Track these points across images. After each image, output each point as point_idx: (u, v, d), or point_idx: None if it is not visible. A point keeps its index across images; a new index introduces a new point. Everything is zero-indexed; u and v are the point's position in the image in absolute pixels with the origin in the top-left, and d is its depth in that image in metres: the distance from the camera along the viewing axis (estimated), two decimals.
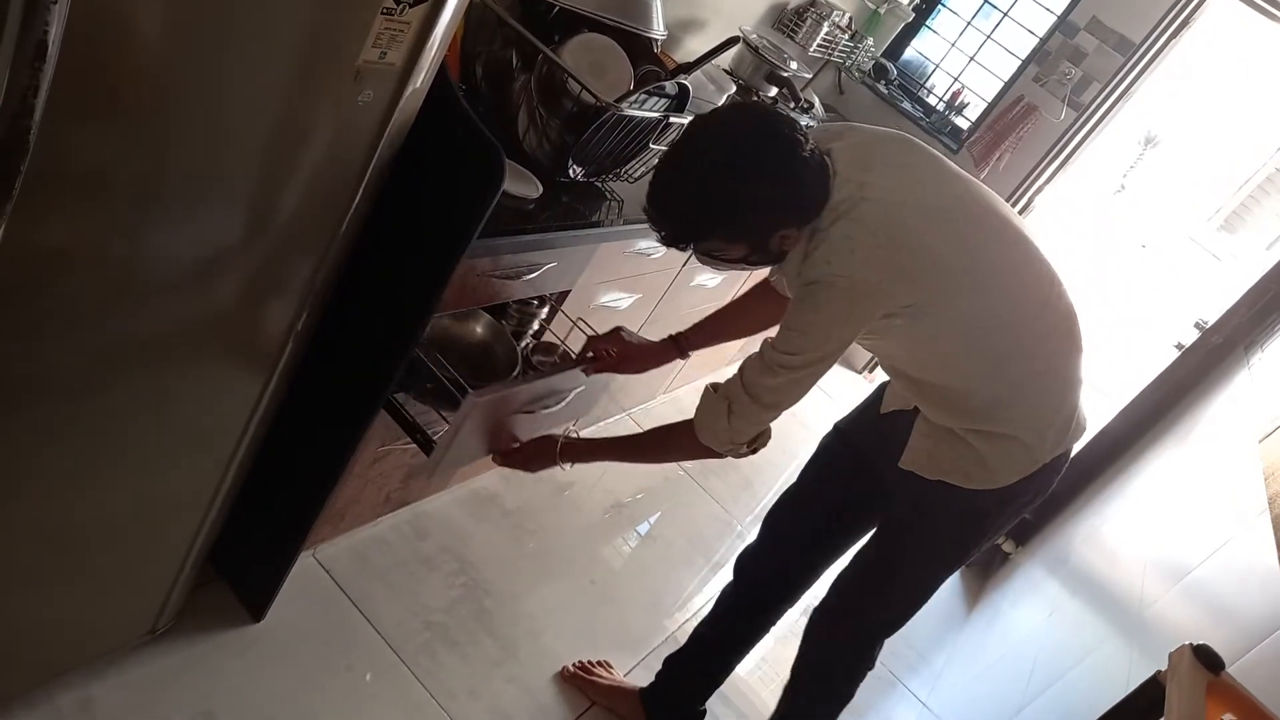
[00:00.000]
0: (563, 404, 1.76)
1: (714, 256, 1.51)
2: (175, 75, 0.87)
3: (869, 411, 1.85)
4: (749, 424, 1.55)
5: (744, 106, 1.67)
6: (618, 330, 1.86)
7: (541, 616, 2.22)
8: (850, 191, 1.44)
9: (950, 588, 3.37)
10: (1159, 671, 1.30)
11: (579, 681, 2.11)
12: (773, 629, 2.06)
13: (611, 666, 2.18)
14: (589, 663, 2.15)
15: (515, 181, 1.63)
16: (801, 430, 3.78)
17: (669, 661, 2.09)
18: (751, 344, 1.71)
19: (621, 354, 1.84)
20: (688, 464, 3.09)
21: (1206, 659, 1.24)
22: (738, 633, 2.04)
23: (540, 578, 2.33)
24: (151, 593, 1.55)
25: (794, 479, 1.98)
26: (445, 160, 1.29)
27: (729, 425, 1.55)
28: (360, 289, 1.38)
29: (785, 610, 2.02)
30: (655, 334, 2.50)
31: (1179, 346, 3.33)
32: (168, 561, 1.52)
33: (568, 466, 1.76)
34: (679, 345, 1.91)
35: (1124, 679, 1.72)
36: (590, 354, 1.83)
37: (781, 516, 1.96)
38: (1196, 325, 3.29)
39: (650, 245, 2.13)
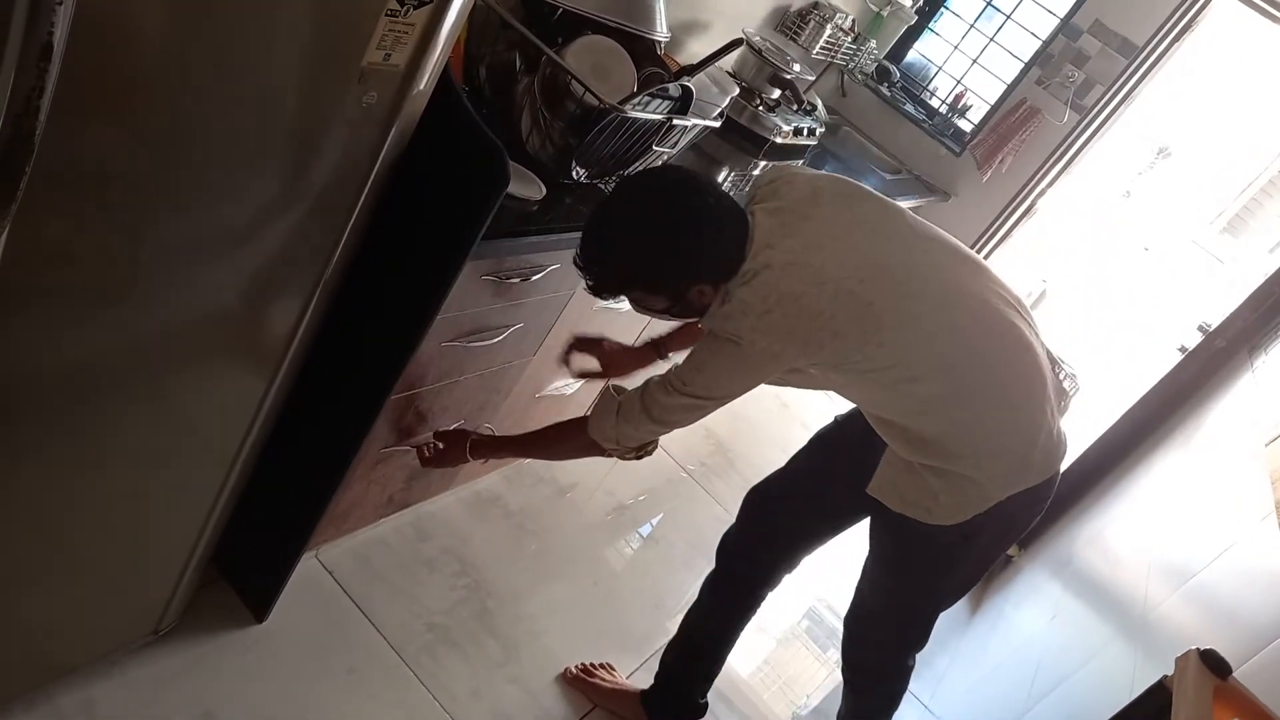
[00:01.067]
0: (497, 340, 1.80)
1: (641, 305, 1.60)
2: (179, 76, 0.87)
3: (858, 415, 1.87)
4: (635, 430, 1.65)
5: (668, 170, 1.75)
6: (602, 339, 2.01)
7: (543, 618, 2.21)
8: (761, 260, 1.49)
9: None
10: (1165, 676, 1.30)
11: (581, 684, 2.12)
12: (763, 623, 2.13)
13: (614, 669, 2.19)
14: (591, 665, 2.16)
15: (519, 183, 1.63)
16: (801, 431, 3.76)
17: (664, 660, 2.12)
18: None
19: (606, 360, 2.01)
20: (690, 465, 3.09)
21: (1213, 663, 1.24)
22: (726, 618, 2.07)
23: (542, 579, 2.32)
24: (154, 593, 1.55)
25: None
26: (449, 162, 1.29)
27: (615, 426, 1.65)
28: (364, 291, 1.38)
29: (768, 593, 2.06)
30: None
31: (1182, 350, 3.33)
32: (171, 562, 1.52)
33: (482, 462, 1.92)
34: (658, 348, 2.04)
35: (1129, 683, 1.71)
36: (573, 350, 2.00)
37: (769, 502, 2.00)
38: (1200, 328, 3.28)
39: None
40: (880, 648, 1.95)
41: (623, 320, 2.20)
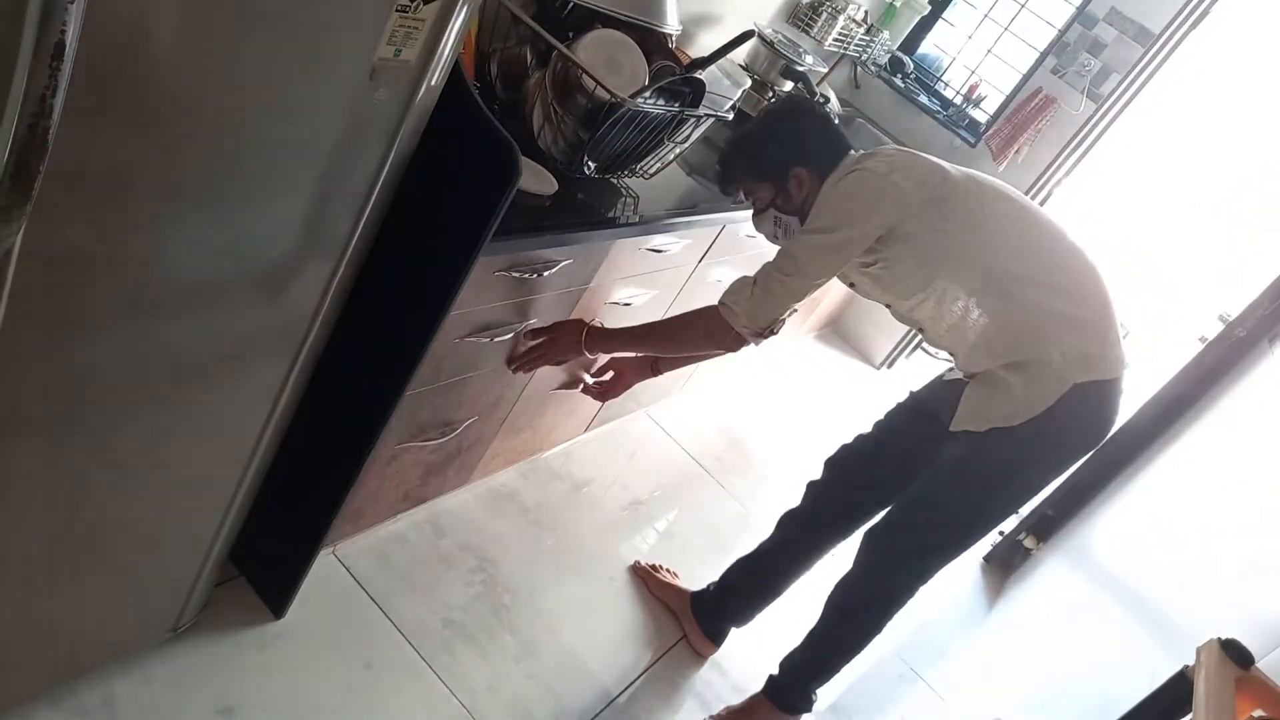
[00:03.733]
0: (511, 335, 1.82)
1: (756, 210, 1.94)
2: (191, 74, 0.87)
3: (936, 381, 2.13)
4: (769, 296, 1.81)
5: (788, 95, 2.44)
6: (610, 360, 2.19)
7: (560, 613, 2.22)
8: (873, 152, 1.85)
9: (971, 583, 3.35)
10: (1186, 666, 1.29)
11: (643, 574, 2.45)
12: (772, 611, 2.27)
13: (676, 575, 2.49)
14: (657, 565, 2.48)
15: (530, 178, 1.63)
16: (821, 426, 3.76)
17: (725, 575, 2.32)
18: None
19: (610, 370, 2.19)
20: (706, 461, 3.08)
21: (1235, 654, 1.23)
22: (791, 556, 2.23)
23: (559, 575, 2.33)
24: (173, 591, 1.56)
25: (815, 472, 2.15)
26: (461, 157, 1.29)
27: (750, 296, 1.82)
28: (378, 287, 1.38)
29: (837, 543, 2.22)
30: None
31: (1202, 339, 3.29)
32: (189, 560, 1.53)
33: (593, 357, 2.04)
34: (654, 364, 2.18)
35: (1149, 674, 1.70)
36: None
37: (851, 456, 2.18)
38: (1220, 318, 3.25)
39: (665, 242, 2.12)
40: (916, 551, 1.99)
41: (637, 315, 2.19)
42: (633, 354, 2.15)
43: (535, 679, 2.03)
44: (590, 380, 2.23)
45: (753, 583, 2.29)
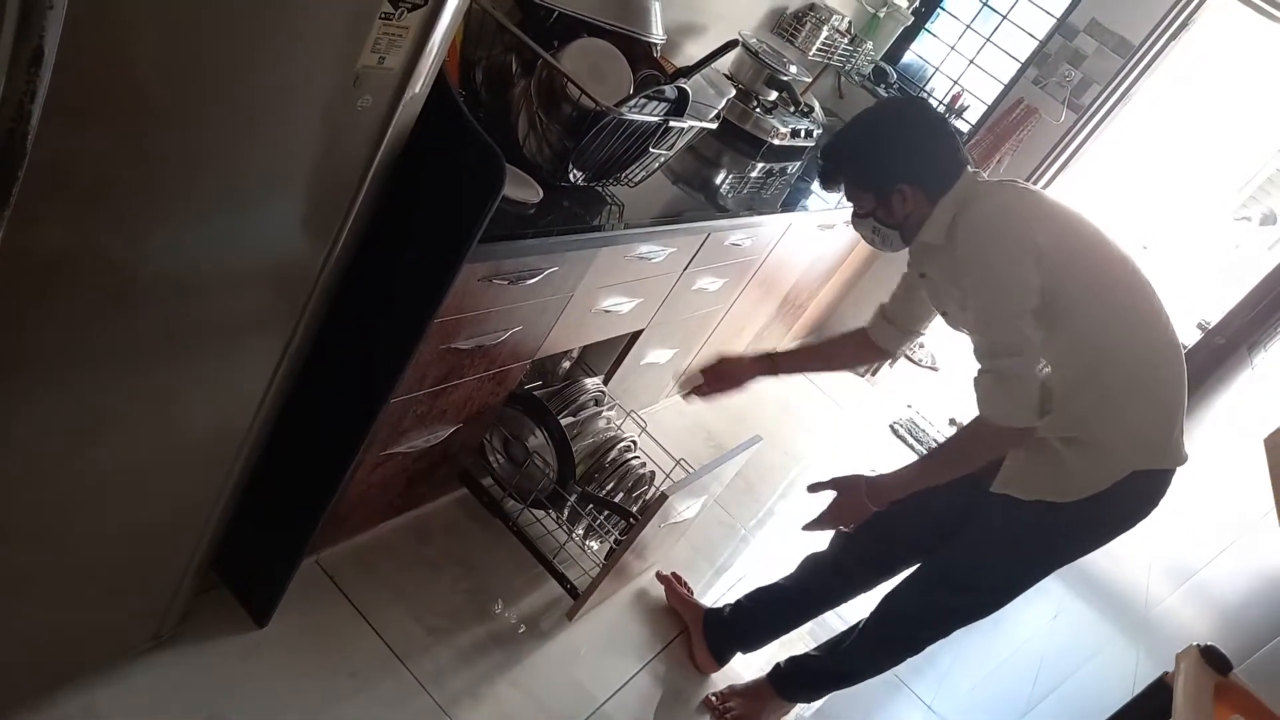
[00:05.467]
0: (496, 343, 1.82)
1: (855, 213, 1.86)
2: (172, 80, 0.87)
3: None
4: (1014, 382, 1.65)
5: (904, 96, 2.33)
6: (718, 356, 2.18)
7: (546, 620, 2.21)
8: (991, 188, 1.75)
9: None
10: (1166, 673, 1.30)
11: (667, 583, 2.46)
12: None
13: (692, 591, 2.50)
14: (680, 577, 2.50)
15: (515, 186, 1.63)
16: (805, 434, 3.77)
17: (741, 600, 2.31)
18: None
19: (721, 371, 2.15)
20: (691, 468, 3.08)
21: (1214, 660, 1.24)
22: (812, 599, 2.23)
23: (545, 582, 2.32)
24: (155, 599, 1.55)
25: (798, 480, 2.03)
26: (445, 165, 1.30)
27: (1005, 392, 1.67)
28: (362, 294, 1.38)
29: (861, 593, 2.20)
30: (658, 337, 2.50)
31: (1182, 347, 3.32)
32: (171, 567, 1.52)
33: (880, 508, 1.89)
34: (773, 362, 2.16)
35: (1130, 680, 1.71)
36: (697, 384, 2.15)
37: (886, 515, 1.98)
38: (1199, 326, 3.28)
39: (651, 249, 2.13)
40: (955, 610, 1.98)
41: (623, 323, 2.20)
42: (746, 357, 2.21)
43: (519, 686, 2.03)
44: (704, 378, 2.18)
45: (768, 617, 2.28)
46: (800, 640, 2.42)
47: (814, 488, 1.92)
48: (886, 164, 1.78)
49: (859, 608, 2.20)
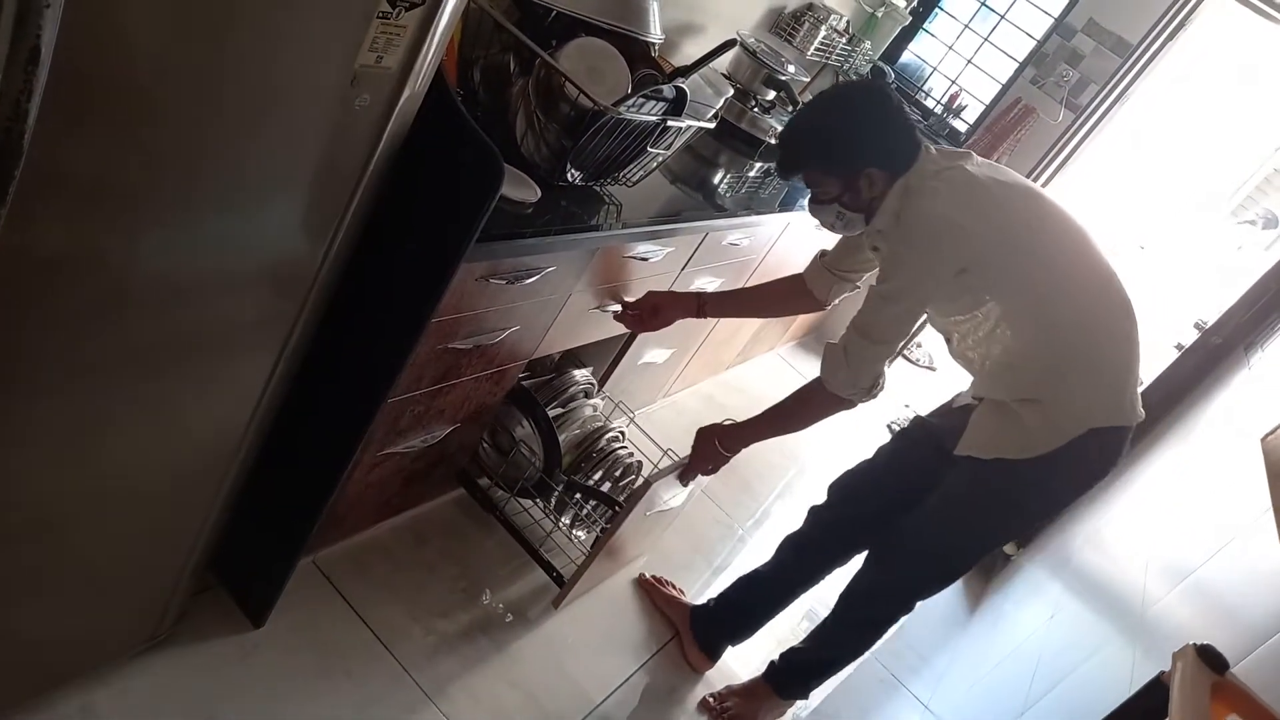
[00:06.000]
0: (494, 342, 1.82)
1: (817, 199, 1.85)
2: (168, 79, 0.87)
3: (945, 407, 2.13)
4: (863, 362, 1.81)
5: (863, 79, 2.36)
6: (646, 294, 2.14)
7: (543, 620, 2.21)
8: (943, 164, 1.78)
9: (952, 590, 3.36)
10: (1162, 672, 1.30)
11: (648, 586, 2.45)
12: (769, 627, 2.30)
13: (683, 592, 2.50)
14: (661, 579, 2.49)
15: (513, 186, 1.63)
16: (802, 434, 3.77)
17: (724, 592, 2.33)
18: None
19: (651, 303, 2.11)
20: None
21: (1211, 659, 1.23)
22: (791, 578, 2.26)
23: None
24: (151, 599, 1.55)
25: (796, 480, 2.04)
26: (443, 164, 1.29)
27: (848, 367, 1.82)
28: (359, 294, 1.38)
29: (838, 567, 2.24)
30: (656, 337, 2.50)
31: (1179, 347, 3.33)
32: (167, 567, 1.52)
33: (730, 455, 2.07)
34: (700, 301, 2.16)
35: (1127, 680, 1.71)
36: (624, 310, 2.12)
37: (855, 482, 2.18)
38: (1196, 325, 3.29)
39: (649, 249, 2.12)
40: (918, 579, 2.04)
41: (610, 320, 2.20)
42: (675, 292, 2.23)
43: (517, 687, 2.02)
44: (628, 305, 2.15)
45: (751, 602, 2.31)
46: (792, 637, 2.42)
47: (683, 478, 2.11)
48: (853, 148, 1.78)
49: (833, 589, 2.24)
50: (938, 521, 1.95)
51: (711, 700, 2.26)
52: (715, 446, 2.04)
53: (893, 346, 1.81)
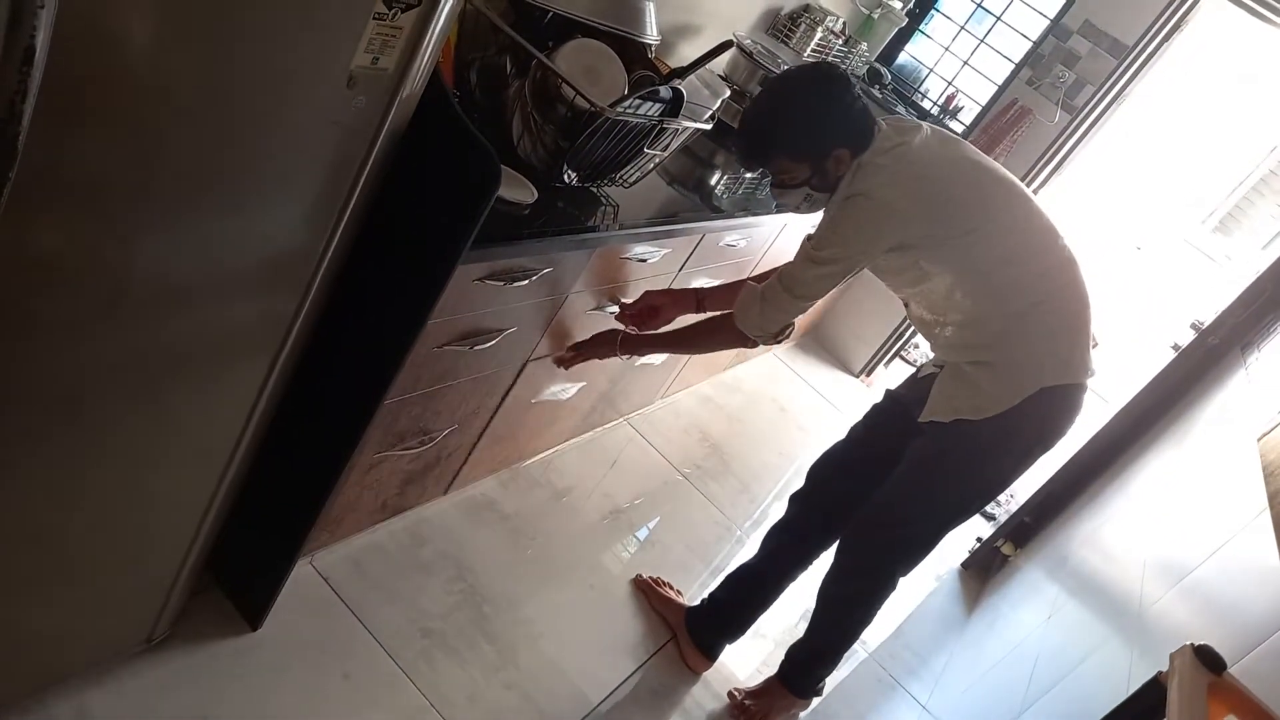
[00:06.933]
0: (491, 344, 1.81)
1: (784, 184, 1.88)
2: (164, 81, 0.87)
3: (911, 378, 2.17)
4: (778, 310, 1.89)
5: (812, 63, 2.26)
6: (644, 294, 2.17)
7: (540, 622, 2.21)
8: (894, 140, 1.82)
9: (949, 590, 3.37)
10: (1160, 672, 1.30)
11: (644, 587, 2.46)
12: (763, 629, 2.32)
13: (680, 593, 2.50)
14: (659, 579, 2.49)
15: (510, 187, 1.63)
16: (800, 434, 3.78)
17: (715, 591, 2.36)
18: None
19: (649, 303, 2.13)
20: (686, 469, 3.09)
21: (1208, 659, 1.23)
22: (780, 567, 2.29)
23: (539, 583, 2.32)
24: (147, 601, 1.55)
25: (794, 480, 2.07)
26: (440, 165, 1.29)
27: (760, 311, 1.90)
28: (356, 294, 1.37)
29: (824, 548, 2.26)
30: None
31: (1175, 348, 3.33)
32: (163, 569, 1.51)
33: (626, 358, 2.14)
34: (697, 298, 2.19)
35: (1125, 680, 1.71)
36: (618, 320, 2.16)
37: (831, 462, 2.24)
38: (1193, 326, 3.29)
39: (646, 250, 2.12)
40: (887, 550, 2.07)
41: (608, 322, 2.19)
42: (672, 290, 2.25)
43: (514, 688, 2.02)
44: (625, 308, 2.17)
45: (744, 596, 2.33)
46: (792, 638, 2.42)
47: (574, 346, 2.10)
48: (822, 131, 1.81)
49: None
50: (904, 488, 2.00)
51: (738, 695, 2.31)
52: (614, 346, 2.09)
53: (810, 303, 1.90)
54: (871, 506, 2.06)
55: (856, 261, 1.86)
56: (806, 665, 2.26)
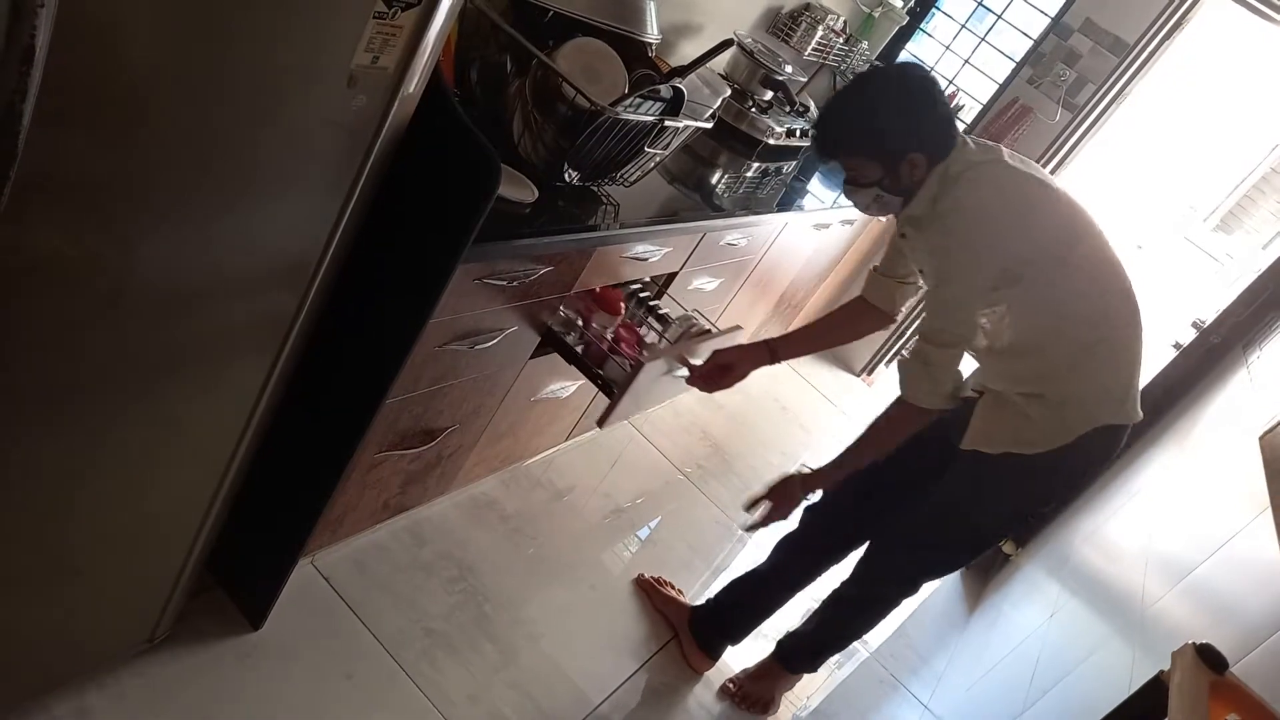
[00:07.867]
0: (491, 343, 1.81)
1: (855, 182, 1.82)
2: (164, 80, 0.87)
3: None
4: (941, 369, 1.79)
5: (902, 63, 2.37)
6: (713, 353, 2.09)
7: (541, 622, 2.21)
8: (981, 157, 1.78)
9: (951, 590, 3.36)
10: (1162, 671, 1.30)
11: (647, 587, 2.45)
12: (765, 629, 2.31)
13: (682, 592, 2.50)
14: (661, 579, 2.48)
15: (510, 186, 1.63)
16: (800, 433, 3.78)
17: (720, 594, 2.35)
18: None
19: (720, 362, 2.06)
20: (688, 468, 3.09)
21: (1210, 658, 1.23)
22: (788, 578, 2.28)
23: (540, 583, 2.32)
24: (148, 601, 1.55)
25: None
26: (441, 165, 1.29)
27: (928, 377, 1.80)
28: (357, 295, 1.37)
29: (833, 565, 2.26)
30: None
31: (1177, 346, 3.33)
32: (165, 569, 1.51)
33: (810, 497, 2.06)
34: (770, 349, 2.10)
35: (1126, 679, 1.71)
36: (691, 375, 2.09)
37: (845, 487, 2.11)
38: (1194, 325, 3.29)
39: (647, 249, 2.12)
40: (918, 567, 2.08)
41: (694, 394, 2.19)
42: (743, 346, 2.13)
43: (516, 688, 2.02)
44: (695, 368, 2.09)
45: (750, 601, 2.33)
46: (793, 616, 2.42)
47: (750, 507, 2.07)
48: (901, 132, 1.76)
49: (832, 581, 2.27)
50: (943, 512, 1.97)
51: (731, 685, 2.32)
52: (796, 492, 2.03)
53: (965, 345, 1.80)
54: (913, 526, 2.02)
55: (977, 286, 1.76)
56: (813, 650, 2.29)
